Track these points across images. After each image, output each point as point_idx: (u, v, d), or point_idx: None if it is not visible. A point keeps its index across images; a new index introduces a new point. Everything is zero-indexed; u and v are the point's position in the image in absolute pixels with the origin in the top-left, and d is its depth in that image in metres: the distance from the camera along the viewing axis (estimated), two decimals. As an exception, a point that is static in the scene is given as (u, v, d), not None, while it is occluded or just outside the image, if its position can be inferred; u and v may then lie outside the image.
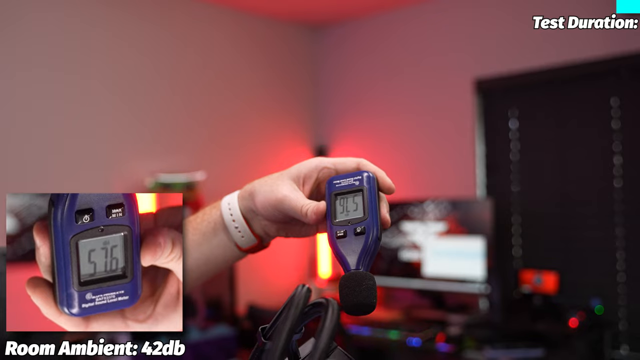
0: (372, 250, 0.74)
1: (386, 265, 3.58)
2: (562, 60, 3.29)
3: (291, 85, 4.27)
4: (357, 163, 0.83)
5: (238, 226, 0.84)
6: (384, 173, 0.83)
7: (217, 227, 0.86)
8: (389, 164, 3.98)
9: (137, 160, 3.40)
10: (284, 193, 0.81)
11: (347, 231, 0.75)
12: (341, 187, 0.79)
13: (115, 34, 3.38)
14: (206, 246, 0.86)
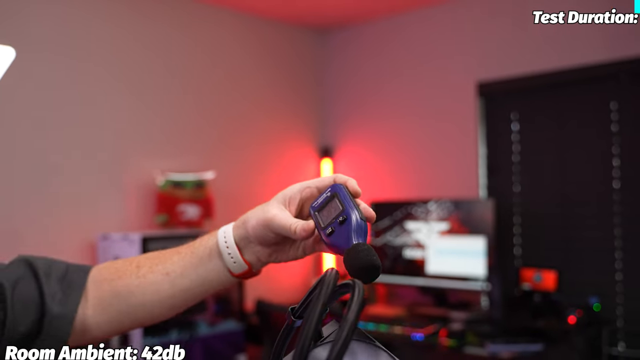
0: (360, 229, 0.81)
1: (390, 263, 3.63)
2: (563, 64, 3.34)
3: (297, 87, 4.32)
4: (333, 178, 0.90)
5: (231, 252, 0.92)
6: (354, 181, 0.89)
7: (213, 253, 0.93)
8: (393, 165, 4.03)
9: (148, 159, 3.46)
10: (274, 212, 0.88)
11: (333, 227, 0.82)
12: (319, 204, 0.87)
13: (128, 35, 3.43)
14: (202, 269, 0.94)
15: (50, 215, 3.09)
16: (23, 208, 3.01)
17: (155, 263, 0.95)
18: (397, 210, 3.63)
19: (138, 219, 3.40)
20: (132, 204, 3.39)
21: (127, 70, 3.42)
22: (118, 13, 3.39)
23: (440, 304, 3.49)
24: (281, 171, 4.15)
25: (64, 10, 3.20)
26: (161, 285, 0.94)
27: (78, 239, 3.17)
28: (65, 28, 3.20)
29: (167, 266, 0.94)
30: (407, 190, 3.94)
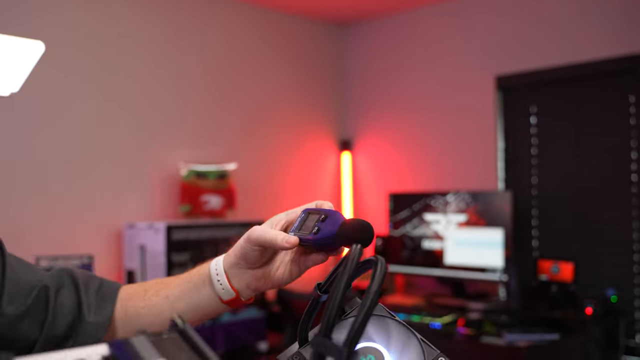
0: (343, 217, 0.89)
1: (409, 254, 3.67)
2: (581, 58, 3.34)
3: (318, 80, 4.36)
4: (315, 203, 0.99)
5: (220, 280, 0.98)
6: (330, 204, 0.97)
7: (205, 281, 1.00)
8: (412, 157, 4.06)
9: (172, 151, 3.52)
10: (262, 229, 0.94)
11: (317, 226, 0.89)
12: (297, 225, 0.95)
13: (152, 29, 3.49)
14: (196, 295, 1.00)
15: (79, 205, 3.17)
16: (54, 198, 3.08)
17: (160, 287, 1.03)
18: (415, 202, 3.67)
19: (163, 209, 3.46)
20: (157, 194, 3.46)
21: (152, 64, 3.48)
22: (143, 7, 3.45)
23: (458, 294, 3.52)
24: (302, 163, 4.20)
25: (92, 8, 3.26)
26: (162, 308, 1.01)
27: (105, 228, 3.25)
28: (91, 21, 3.26)
29: (168, 290, 1.01)
30: (425, 182, 3.97)
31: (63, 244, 3.06)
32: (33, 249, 2.85)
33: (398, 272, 3.77)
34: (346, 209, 4.36)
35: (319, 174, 4.31)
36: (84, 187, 3.19)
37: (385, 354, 0.77)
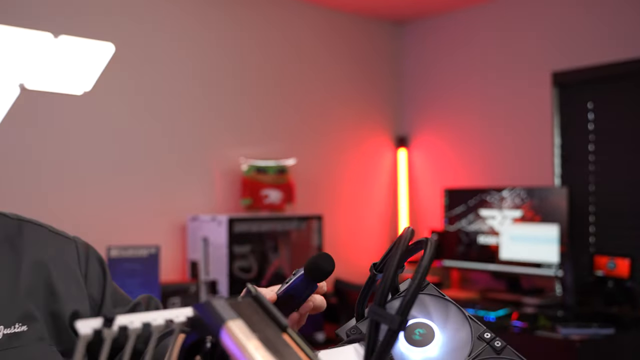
0: None
1: (464, 249, 3.70)
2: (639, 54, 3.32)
3: (374, 78, 4.41)
4: None
5: None
6: None
7: None
8: (468, 154, 4.08)
9: (234, 147, 3.64)
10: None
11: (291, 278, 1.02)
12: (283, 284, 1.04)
13: (214, 30, 3.61)
14: None
15: (146, 198, 3.31)
16: (125, 192, 3.23)
17: None
18: (471, 197, 3.69)
19: (225, 202, 3.58)
20: (219, 188, 3.58)
21: (215, 64, 3.60)
22: (202, 9, 3.57)
23: (514, 289, 3.53)
24: (359, 159, 4.26)
25: (155, 8, 3.40)
26: None
27: (170, 220, 3.38)
28: (158, 23, 3.40)
29: None
30: (481, 178, 3.99)
31: (132, 234, 3.21)
32: (105, 240, 3.00)
33: (453, 267, 3.80)
34: (402, 204, 4.40)
35: (375, 170, 4.37)
36: (152, 181, 3.33)
37: (436, 329, 0.83)
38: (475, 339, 0.81)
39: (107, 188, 3.18)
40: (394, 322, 0.63)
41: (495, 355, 0.79)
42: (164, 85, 3.40)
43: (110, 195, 3.19)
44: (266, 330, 0.57)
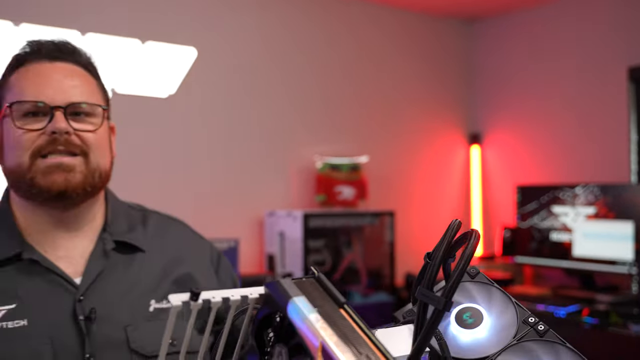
0: None
1: (536, 245, 3.69)
2: None
3: (446, 76, 4.45)
4: None
5: None
6: None
7: None
8: (541, 150, 4.06)
9: (309, 145, 3.76)
10: None
11: None
12: None
13: (290, 34, 3.74)
14: None
15: (226, 195, 3.47)
16: (205, 188, 3.40)
17: None
18: (544, 194, 3.68)
19: (300, 198, 3.71)
20: (295, 185, 3.71)
21: (292, 67, 3.73)
22: (279, 12, 3.71)
23: (587, 286, 3.50)
24: (432, 156, 4.31)
25: (234, 12, 3.55)
26: None
27: (249, 215, 3.54)
28: (238, 28, 3.55)
29: None
30: (553, 175, 3.96)
31: (214, 228, 3.37)
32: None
33: (526, 263, 3.79)
34: (475, 201, 4.42)
35: (448, 167, 4.40)
36: (232, 178, 3.49)
37: (485, 313, 0.91)
38: (520, 323, 0.88)
39: (190, 184, 3.36)
40: (440, 303, 0.71)
41: (538, 338, 0.86)
42: (243, 87, 3.55)
43: (193, 191, 3.37)
44: (325, 305, 0.67)
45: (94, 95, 1.21)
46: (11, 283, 1.12)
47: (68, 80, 1.17)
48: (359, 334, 0.65)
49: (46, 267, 1.14)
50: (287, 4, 3.72)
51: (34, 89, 1.15)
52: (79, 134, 1.15)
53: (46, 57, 1.20)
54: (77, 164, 1.14)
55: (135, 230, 1.27)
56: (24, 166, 1.13)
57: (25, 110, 1.14)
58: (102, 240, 1.21)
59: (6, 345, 1.06)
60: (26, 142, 1.13)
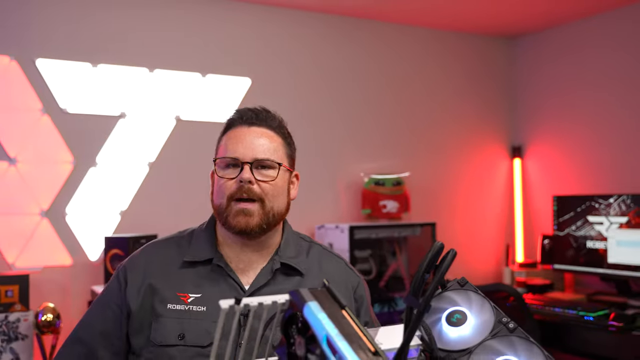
0: None
1: (574, 253, 3.82)
2: None
3: (487, 92, 4.60)
4: None
5: None
6: None
7: None
8: (579, 161, 4.18)
9: (356, 162, 3.99)
10: None
11: None
12: None
13: (338, 57, 3.98)
14: None
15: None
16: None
17: None
18: (580, 204, 3.80)
19: (347, 212, 3.94)
20: (343, 200, 3.95)
21: (341, 90, 3.97)
22: (328, 37, 3.96)
23: (622, 292, 3.61)
24: (474, 169, 4.48)
25: (285, 43, 3.82)
26: None
27: (303, 228, 3.73)
28: (287, 56, 3.82)
29: None
30: (590, 186, 4.08)
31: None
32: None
33: (564, 270, 3.92)
34: (517, 211, 4.56)
35: (491, 179, 4.56)
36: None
37: (469, 315, 1.13)
38: (496, 322, 1.10)
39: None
40: (420, 306, 0.94)
41: (508, 334, 1.08)
42: (296, 110, 3.81)
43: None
44: (332, 308, 0.90)
45: (277, 152, 1.54)
46: (202, 278, 1.50)
47: (257, 141, 1.52)
48: (355, 329, 0.88)
49: (227, 273, 1.51)
50: (337, 31, 3.97)
51: (232, 147, 1.51)
52: (260, 183, 1.49)
53: (245, 123, 1.55)
54: (255, 210, 1.48)
55: (300, 256, 1.59)
56: (223, 207, 1.49)
57: (225, 163, 1.51)
58: (272, 261, 1.54)
59: (189, 321, 1.45)
60: (224, 188, 1.49)
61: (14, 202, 3.11)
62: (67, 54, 3.24)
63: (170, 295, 1.48)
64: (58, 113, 3.20)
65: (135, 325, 1.48)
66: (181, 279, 1.51)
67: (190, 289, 1.49)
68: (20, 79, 3.13)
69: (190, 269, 1.52)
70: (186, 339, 1.44)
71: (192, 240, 1.58)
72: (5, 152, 3.09)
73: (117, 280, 1.54)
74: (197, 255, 1.53)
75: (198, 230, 1.62)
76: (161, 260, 1.55)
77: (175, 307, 1.47)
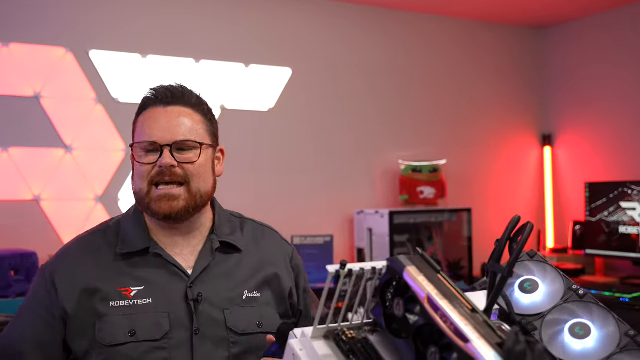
0: None
1: (606, 238, 3.88)
2: None
3: (517, 82, 4.64)
4: None
5: None
6: None
7: None
8: (609, 149, 4.23)
9: (393, 150, 4.07)
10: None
11: None
12: None
13: (375, 49, 4.06)
14: None
15: (321, 196, 3.84)
16: (303, 190, 3.78)
17: None
18: (612, 191, 3.86)
19: (386, 198, 4.03)
20: (381, 187, 4.04)
21: (378, 80, 4.05)
22: (364, 29, 4.03)
23: (655, 276, 3.67)
24: (506, 157, 4.54)
25: (323, 34, 3.91)
26: None
27: (341, 214, 3.89)
28: (325, 48, 3.91)
29: None
30: (621, 172, 4.13)
31: (311, 226, 3.75)
32: (289, 230, 3.55)
33: (596, 255, 3.98)
34: (548, 197, 4.62)
35: (521, 166, 4.62)
36: (326, 182, 3.86)
37: (540, 283, 1.22)
38: (566, 289, 1.19)
39: (290, 187, 3.74)
40: (504, 271, 1.03)
41: (579, 299, 1.17)
42: (335, 100, 3.90)
43: (293, 193, 3.75)
44: (428, 272, 1.00)
45: (196, 132, 1.45)
46: (141, 270, 1.44)
47: (175, 121, 1.43)
48: (451, 291, 0.97)
49: (167, 260, 1.45)
50: (372, 23, 4.04)
51: (149, 130, 1.42)
52: (183, 165, 1.42)
53: (161, 103, 1.45)
54: (181, 193, 1.42)
55: (236, 233, 1.56)
56: (144, 192, 1.43)
57: (143, 148, 1.42)
58: (210, 241, 1.51)
59: (136, 316, 1.38)
60: (144, 173, 1.42)
61: (70, 188, 3.23)
62: (118, 46, 3.35)
63: (110, 291, 1.39)
64: (110, 102, 3.31)
65: (75, 329, 1.38)
66: (118, 272, 1.42)
67: (130, 282, 1.41)
68: (75, 70, 3.25)
69: (126, 260, 1.44)
70: (137, 335, 1.36)
71: (121, 231, 1.49)
72: (62, 139, 3.22)
73: (44, 286, 1.42)
74: (131, 245, 1.45)
75: (124, 219, 1.52)
76: (91, 257, 1.44)
77: (118, 303, 1.38)
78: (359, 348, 1.03)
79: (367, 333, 1.07)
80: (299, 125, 3.80)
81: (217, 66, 3.57)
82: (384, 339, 1.05)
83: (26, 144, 3.14)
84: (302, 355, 1.05)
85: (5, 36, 3.11)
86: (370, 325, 1.08)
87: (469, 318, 0.88)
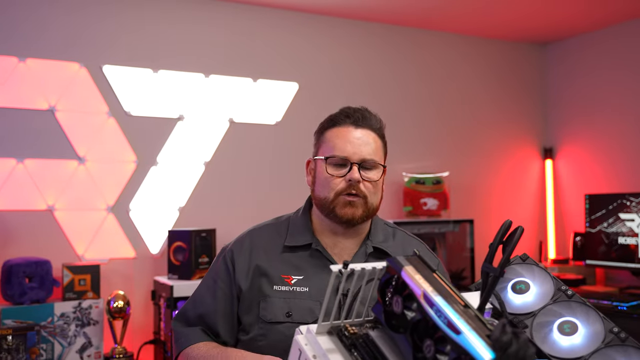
0: None
1: (605, 249, 3.93)
2: None
3: (520, 96, 4.71)
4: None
5: None
6: None
7: None
8: (609, 162, 4.29)
9: (397, 163, 4.14)
10: None
11: None
12: None
13: (381, 64, 4.15)
14: None
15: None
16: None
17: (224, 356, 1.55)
18: (612, 202, 3.91)
19: (390, 209, 4.10)
20: (385, 198, 4.08)
21: (383, 94, 4.13)
22: (369, 45, 4.12)
23: (653, 286, 3.72)
24: (508, 170, 4.61)
25: (330, 50, 4.00)
26: None
27: (345, 224, 3.95)
28: (331, 63, 3.99)
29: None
30: (620, 184, 4.19)
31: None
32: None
33: (596, 265, 4.03)
34: (549, 209, 4.68)
35: (523, 179, 4.68)
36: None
37: (531, 284, 1.29)
38: (556, 290, 1.26)
39: (297, 199, 3.80)
40: (496, 271, 1.10)
41: (567, 299, 1.23)
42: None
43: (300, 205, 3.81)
44: (424, 271, 1.07)
45: (378, 153, 1.70)
46: (303, 262, 1.65)
47: (364, 142, 1.66)
48: (446, 288, 1.04)
49: (325, 257, 1.65)
50: (379, 39, 4.13)
51: (341, 146, 1.64)
52: (365, 182, 1.63)
53: (353, 123, 1.70)
54: (361, 204, 1.62)
55: (388, 241, 1.74)
56: (329, 200, 1.62)
57: (334, 162, 1.64)
58: (365, 245, 1.70)
59: (294, 301, 1.60)
60: (333, 184, 1.62)
61: (83, 199, 3.32)
62: (130, 61, 3.44)
63: (275, 277, 1.63)
64: (122, 116, 3.40)
65: (246, 304, 1.63)
66: (283, 262, 1.66)
67: (292, 271, 1.64)
68: (89, 84, 3.34)
69: (291, 253, 1.67)
70: (293, 317, 1.58)
71: (290, 227, 1.74)
72: (75, 151, 3.31)
73: (225, 263, 1.69)
74: (297, 240, 1.69)
75: (294, 217, 1.79)
76: (264, 245, 1.70)
77: (280, 288, 1.61)
78: (361, 343, 1.10)
79: (368, 329, 1.14)
80: (306, 138, 3.87)
81: (226, 81, 3.66)
82: (384, 334, 1.12)
83: (41, 156, 3.23)
84: (308, 349, 1.12)
85: (22, 52, 3.21)
86: (371, 322, 1.15)
87: (462, 313, 0.95)
